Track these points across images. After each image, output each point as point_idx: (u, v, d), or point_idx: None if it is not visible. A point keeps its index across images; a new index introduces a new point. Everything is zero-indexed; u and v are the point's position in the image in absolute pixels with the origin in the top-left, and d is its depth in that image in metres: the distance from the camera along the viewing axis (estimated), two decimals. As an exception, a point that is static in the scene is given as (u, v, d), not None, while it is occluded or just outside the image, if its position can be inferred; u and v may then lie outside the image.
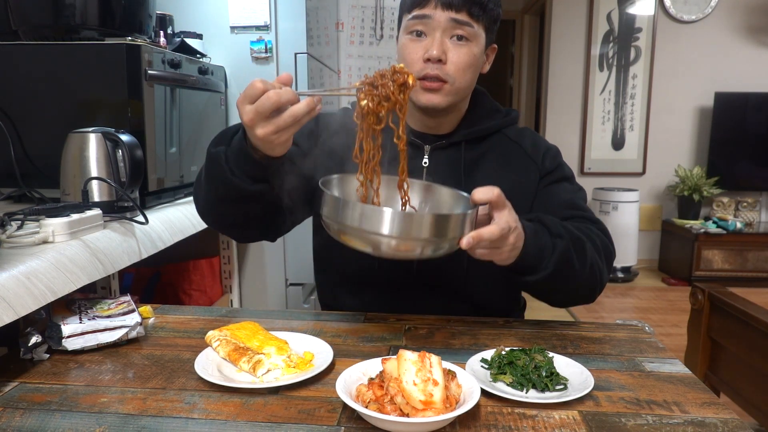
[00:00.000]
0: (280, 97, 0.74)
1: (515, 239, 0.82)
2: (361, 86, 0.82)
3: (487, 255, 0.82)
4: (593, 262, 0.93)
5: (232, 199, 0.89)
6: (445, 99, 0.97)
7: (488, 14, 0.97)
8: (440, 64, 0.95)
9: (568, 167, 1.10)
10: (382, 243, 0.75)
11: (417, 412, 0.61)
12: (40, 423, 0.65)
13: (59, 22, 1.29)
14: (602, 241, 0.98)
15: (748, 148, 4.20)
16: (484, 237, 0.77)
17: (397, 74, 0.82)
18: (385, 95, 0.82)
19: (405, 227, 0.74)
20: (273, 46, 1.99)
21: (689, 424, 0.66)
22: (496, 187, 0.79)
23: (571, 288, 0.94)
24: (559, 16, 4.39)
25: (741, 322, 1.50)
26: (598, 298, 0.99)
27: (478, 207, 0.80)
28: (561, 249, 0.88)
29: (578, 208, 1.03)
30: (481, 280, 1.05)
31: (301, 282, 2.16)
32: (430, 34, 0.96)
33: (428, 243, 0.76)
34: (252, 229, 1.02)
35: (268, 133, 0.76)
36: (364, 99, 0.82)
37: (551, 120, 4.51)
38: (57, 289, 0.85)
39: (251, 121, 0.76)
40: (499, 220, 0.79)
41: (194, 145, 1.65)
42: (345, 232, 0.78)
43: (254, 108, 0.75)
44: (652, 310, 3.52)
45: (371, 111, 0.82)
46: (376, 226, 0.74)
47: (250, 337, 0.83)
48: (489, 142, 1.07)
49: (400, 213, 0.75)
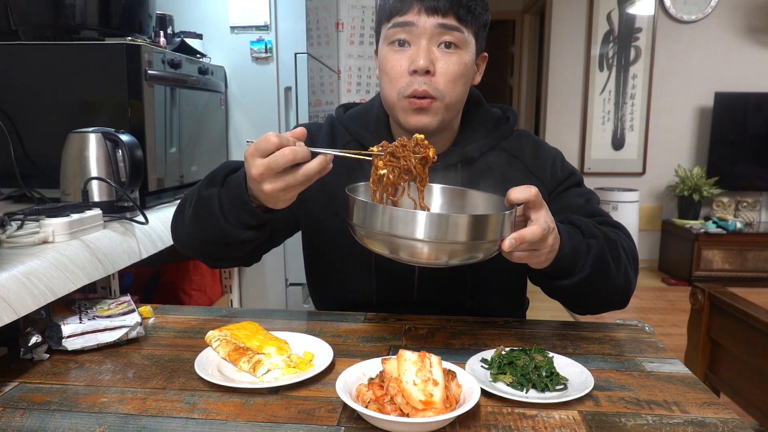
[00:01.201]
0: (296, 154, 0.71)
1: (554, 240, 0.78)
2: (381, 151, 0.79)
3: (526, 258, 0.77)
4: (627, 265, 0.89)
5: (220, 243, 0.87)
6: (436, 119, 0.89)
7: (476, 19, 0.89)
8: (428, 76, 0.87)
9: (577, 171, 1.04)
10: (416, 248, 0.70)
11: (417, 412, 0.61)
12: (40, 423, 0.65)
13: (59, 22, 1.29)
14: (629, 245, 0.94)
15: (748, 148, 4.20)
16: (526, 238, 0.73)
17: (418, 146, 0.79)
18: (406, 168, 0.78)
19: (440, 230, 0.69)
20: (273, 46, 2.00)
21: (689, 424, 0.66)
22: (532, 186, 0.75)
23: (606, 291, 0.89)
24: (559, 16, 4.39)
25: (741, 322, 1.50)
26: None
27: (516, 207, 0.76)
28: (596, 250, 0.84)
29: (597, 214, 0.97)
30: (484, 300, 1.02)
31: (301, 282, 2.16)
32: (414, 42, 0.87)
33: (465, 248, 0.71)
34: (234, 261, 1.01)
35: (276, 190, 0.73)
36: (383, 168, 0.78)
37: (551, 120, 4.52)
38: (57, 289, 0.85)
39: (260, 176, 0.72)
40: (539, 220, 0.75)
41: (194, 145, 1.65)
42: (373, 238, 0.74)
43: (266, 163, 0.71)
44: (652, 310, 3.52)
45: (390, 182, 0.79)
46: (409, 230, 0.69)
47: (250, 337, 0.83)
48: (487, 159, 1.00)
49: (435, 215, 0.70)
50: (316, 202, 1.01)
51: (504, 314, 1.06)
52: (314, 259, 1.09)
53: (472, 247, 0.71)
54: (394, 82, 0.90)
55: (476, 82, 0.98)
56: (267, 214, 0.83)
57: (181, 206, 0.94)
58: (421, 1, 0.86)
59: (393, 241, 0.71)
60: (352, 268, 1.02)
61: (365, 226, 0.73)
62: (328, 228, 1.01)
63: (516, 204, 0.76)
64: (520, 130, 1.07)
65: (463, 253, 0.72)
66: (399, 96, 0.90)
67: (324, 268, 1.07)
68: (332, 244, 1.02)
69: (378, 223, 0.72)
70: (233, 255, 0.93)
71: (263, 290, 2.12)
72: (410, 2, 0.86)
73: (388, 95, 0.92)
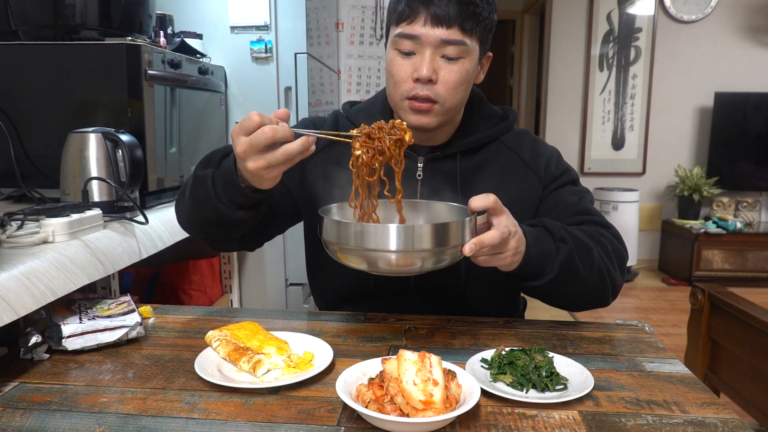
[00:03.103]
0: (276, 133, 0.74)
1: (516, 243, 0.81)
2: (359, 134, 0.82)
3: (491, 261, 0.81)
4: (602, 266, 0.91)
5: (215, 222, 0.89)
6: (435, 119, 0.95)
7: (482, 25, 0.92)
8: (430, 84, 0.91)
9: (573, 170, 1.07)
10: (385, 259, 0.75)
11: (417, 412, 0.61)
12: (40, 423, 0.65)
13: (59, 22, 1.29)
14: (613, 245, 0.96)
15: (748, 148, 4.20)
16: (485, 242, 0.77)
17: (394, 129, 0.83)
18: (380, 149, 0.82)
19: (406, 240, 0.73)
20: (273, 46, 2.00)
21: (689, 424, 0.66)
22: (491, 194, 0.79)
23: (578, 293, 0.92)
24: (559, 16, 4.39)
25: (741, 322, 1.50)
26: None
27: (476, 215, 0.80)
28: (565, 253, 0.87)
29: (587, 213, 1.00)
30: (479, 290, 1.03)
31: (301, 282, 2.16)
32: (419, 52, 0.91)
33: (431, 254, 0.76)
34: (233, 244, 1.03)
35: (258, 168, 0.76)
36: (359, 149, 0.82)
37: (551, 120, 4.51)
38: (57, 289, 0.85)
39: (244, 153, 0.75)
40: (499, 224, 0.79)
41: (194, 145, 1.65)
42: (346, 253, 0.78)
43: (248, 141, 0.74)
44: (652, 310, 3.52)
45: (364, 163, 0.82)
46: (377, 243, 0.74)
47: (250, 337, 0.83)
48: (486, 152, 1.04)
49: (400, 226, 0.75)
50: (318, 191, 1.02)
51: (499, 309, 1.08)
52: (314, 247, 1.10)
53: (438, 252, 0.76)
54: (398, 86, 0.94)
55: (479, 80, 1.01)
56: (256, 194, 0.85)
57: (182, 188, 0.97)
58: (428, 9, 0.89)
59: (366, 254, 0.76)
60: None
61: (339, 243, 0.78)
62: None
63: (477, 212, 0.80)
64: (520, 128, 1.10)
65: (430, 258, 0.76)
66: (401, 97, 0.95)
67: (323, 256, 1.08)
68: None
69: (352, 240, 0.76)
70: (230, 236, 0.95)
71: (263, 290, 2.12)
72: (417, 10, 0.90)
73: (392, 96, 0.97)
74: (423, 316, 1.01)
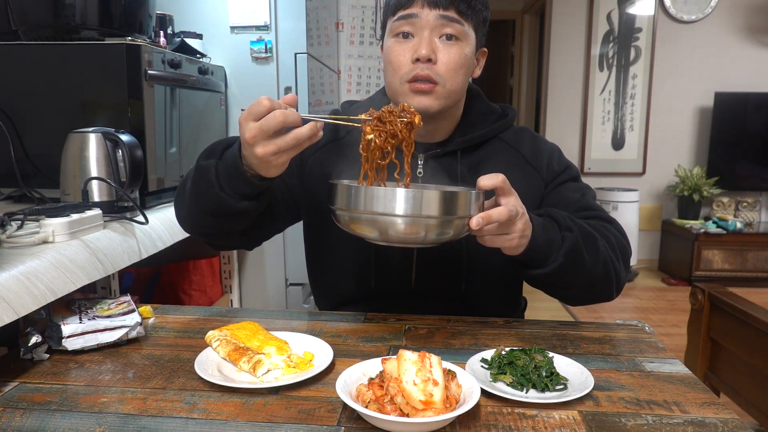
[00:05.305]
0: (287, 117, 0.73)
1: (523, 226, 0.81)
2: (369, 118, 0.82)
3: (496, 241, 0.81)
4: (607, 258, 0.91)
5: (217, 213, 0.88)
6: (437, 102, 0.93)
7: (476, 14, 0.94)
8: (430, 64, 0.91)
9: (574, 166, 1.07)
10: (393, 223, 0.75)
11: (417, 412, 0.61)
12: (40, 423, 0.65)
13: (59, 22, 1.29)
14: (618, 239, 0.96)
15: (748, 148, 4.20)
16: (493, 217, 0.77)
17: (405, 112, 0.83)
18: (392, 132, 0.82)
19: (414, 204, 0.74)
20: (273, 46, 2.00)
21: (689, 424, 0.66)
22: (500, 173, 0.78)
23: (582, 284, 0.92)
24: (559, 16, 4.39)
25: (741, 322, 1.50)
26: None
27: (485, 192, 0.80)
28: (570, 242, 0.86)
29: (591, 208, 1.00)
30: (479, 290, 1.03)
31: (301, 282, 2.16)
32: (417, 34, 0.92)
33: (437, 223, 0.75)
34: (232, 241, 1.01)
35: (267, 153, 0.75)
36: (371, 133, 0.82)
37: (551, 120, 4.52)
38: (57, 289, 0.85)
39: (253, 139, 0.74)
40: (508, 204, 0.78)
41: (194, 145, 1.65)
42: (356, 218, 0.79)
43: (258, 126, 0.73)
44: (652, 310, 3.52)
45: (377, 147, 0.82)
46: (386, 206, 0.74)
47: (250, 337, 0.83)
48: (486, 149, 1.04)
49: (409, 190, 0.75)
50: (318, 188, 1.01)
51: (500, 309, 1.07)
52: (314, 247, 1.10)
53: (444, 222, 0.76)
54: (397, 71, 0.94)
55: (476, 75, 1.02)
56: (262, 183, 0.84)
57: (183, 182, 0.96)
58: None
59: (374, 218, 0.76)
60: (352, 255, 1.03)
61: (348, 209, 0.79)
62: (329, 214, 1.02)
63: (484, 190, 0.79)
64: (519, 125, 1.10)
65: (436, 228, 0.76)
66: (401, 81, 0.94)
67: (324, 256, 1.08)
68: (332, 231, 1.02)
69: (361, 203, 0.77)
70: (232, 229, 0.93)
71: (263, 290, 2.12)
72: None
73: (392, 83, 0.96)
74: (423, 316, 1.00)
